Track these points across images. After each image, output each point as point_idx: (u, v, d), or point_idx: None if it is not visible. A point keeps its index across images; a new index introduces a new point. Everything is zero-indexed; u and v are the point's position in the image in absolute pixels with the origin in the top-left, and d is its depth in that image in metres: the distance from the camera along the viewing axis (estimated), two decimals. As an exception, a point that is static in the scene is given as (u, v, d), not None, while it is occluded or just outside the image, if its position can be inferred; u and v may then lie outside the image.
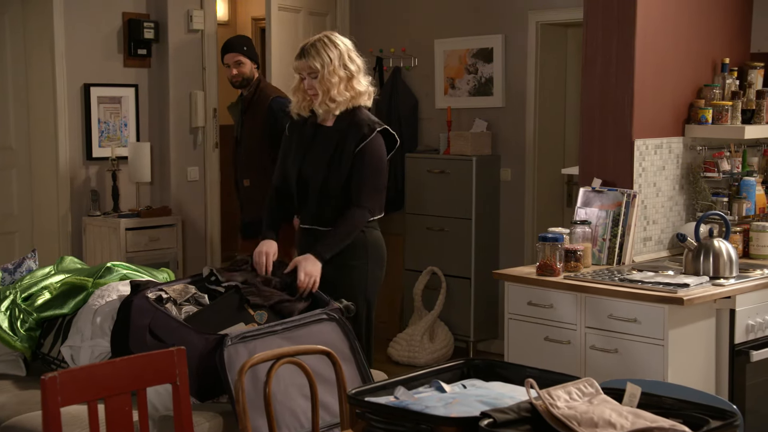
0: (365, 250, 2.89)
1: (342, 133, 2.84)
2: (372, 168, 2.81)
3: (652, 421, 1.66)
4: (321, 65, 2.79)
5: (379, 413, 1.70)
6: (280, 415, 2.38)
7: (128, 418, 1.62)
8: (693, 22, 3.36)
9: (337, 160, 2.82)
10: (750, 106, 3.38)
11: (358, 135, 2.80)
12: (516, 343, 3.01)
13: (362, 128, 2.80)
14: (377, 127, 2.82)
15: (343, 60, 2.82)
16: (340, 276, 2.79)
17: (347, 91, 2.82)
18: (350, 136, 2.81)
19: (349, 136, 2.82)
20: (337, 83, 2.80)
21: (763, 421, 2.96)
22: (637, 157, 3.21)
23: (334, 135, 2.85)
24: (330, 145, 2.85)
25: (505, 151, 4.88)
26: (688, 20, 3.35)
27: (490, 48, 4.89)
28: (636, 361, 2.72)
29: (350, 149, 2.81)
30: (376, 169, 2.83)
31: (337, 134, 2.85)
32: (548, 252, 2.95)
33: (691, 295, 2.68)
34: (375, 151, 2.81)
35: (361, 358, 2.62)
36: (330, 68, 2.79)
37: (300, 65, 2.83)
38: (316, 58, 2.80)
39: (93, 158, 4.59)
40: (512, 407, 1.68)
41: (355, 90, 2.84)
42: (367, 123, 2.82)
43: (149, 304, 2.56)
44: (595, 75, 3.26)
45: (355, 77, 2.84)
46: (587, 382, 1.79)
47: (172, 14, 4.71)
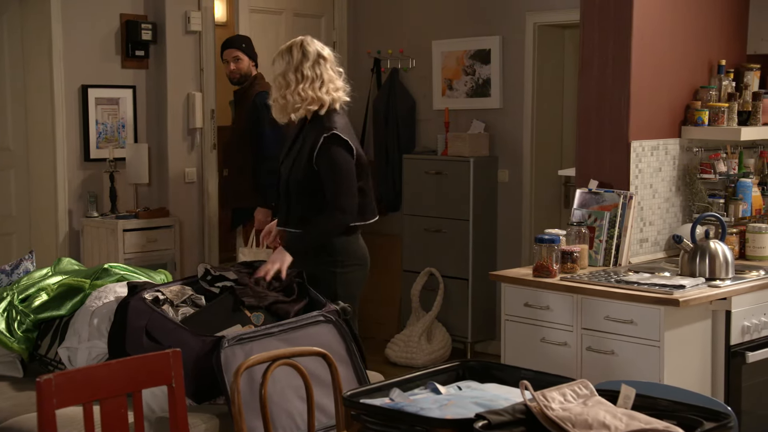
0: (344, 253, 2.96)
1: (306, 135, 2.99)
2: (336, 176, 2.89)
3: (646, 423, 1.66)
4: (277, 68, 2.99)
5: (374, 415, 1.70)
6: (276, 417, 2.38)
7: (124, 420, 1.63)
8: (689, 23, 3.37)
9: (298, 162, 2.96)
10: (746, 107, 3.39)
11: (313, 139, 2.93)
12: (512, 345, 3.02)
13: (317, 134, 2.92)
14: (326, 133, 2.89)
15: (302, 66, 2.94)
16: (320, 279, 2.81)
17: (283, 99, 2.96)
18: (309, 140, 2.95)
19: (308, 140, 2.95)
20: (282, 86, 2.96)
21: (759, 422, 2.96)
22: (633, 158, 3.21)
23: (301, 137, 3.02)
24: (297, 147, 3.01)
25: (503, 152, 4.89)
26: (684, 22, 3.35)
27: (488, 49, 4.89)
28: (632, 362, 2.72)
29: (308, 151, 2.93)
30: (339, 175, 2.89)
31: (303, 137, 3.01)
32: (544, 253, 2.95)
33: (686, 296, 2.68)
34: (333, 159, 2.89)
35: (358, 360, 2.62)
36: (281, 71, 2.97)
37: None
38: (275, 62, 3.01)
39: (91, 159, 4.59)
40: (507, 409, 1.69)
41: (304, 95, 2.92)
42: (320, 129, 2.92)
43: (146, 306, 2.56)
44: (591, 76, 3.27)
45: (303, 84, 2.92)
46: (582, 383, 1.79)
47: (170, 15, 4.72)
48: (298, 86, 2.93)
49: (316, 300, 2.71)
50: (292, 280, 2.73)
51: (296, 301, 2.69)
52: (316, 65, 2.96)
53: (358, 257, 3.00)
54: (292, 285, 2.72)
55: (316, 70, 2.95)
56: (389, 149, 5.15)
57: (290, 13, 5.19)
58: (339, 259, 2.95)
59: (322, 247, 2.95)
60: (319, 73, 2.95)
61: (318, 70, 2.95)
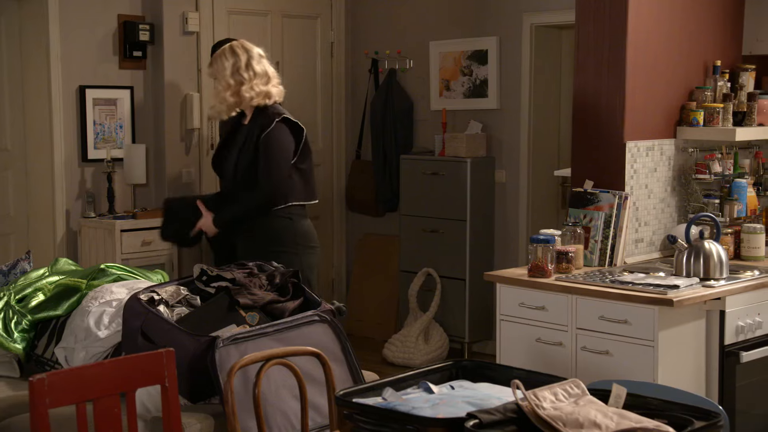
0: (293, 237, 3.19)
1: (251, 126, 3.20)
2: (270, 152, 3.14)
3: (636, 422, 1.67)
4: (216, 73, 3.26)
5: (366, 414, 1.71)
6: (271, 417, 2.39)
7: (117, 420, 1.63)
8: (685, 24, 3.38)
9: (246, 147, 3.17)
10: (741, 108, 3.39)
11: (261, 125, 3.16)
12: (508, 345, 3.03)
13: (264, 119, 3.16)
14: (277, 118, 3.16)
15: (238, 67, 3.23)
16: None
17: (233, 96, 3.23)
18: (256, 127, 3.17)
19: (255, 128, 3.18)
20: (224, 89, 3.23)
21: (753, 421, 2.97)
22: (628, 159, 3.22)
23: (245, 130, 3.23)
24: (243, 137, 3.21)
25: (500, 152, 4.90)
26: (680, 23, 3.36)
27: (485, 50, 4.90)
28: (627, 362, 2.73)
29: (256, 137, 3.16)
30: (274, 154, 3.14)
31: (248, 128, 3.22)
32: (540, 254, 2.96)
33: (680, 296, 2.69)
34: (274, 138, 3.14)
35: (353, 360, 2.63)
36: (221, 75, 3.24)
37: (207, 73, 3.38)
38: (213, 67, 3.29)
39: (88, 160, 4.59)
40: (498, 408, 1.70)
41: (243, 95, 3.22)
42: (269, 114, 3.18)
43: (141, 306, 2.57)
44: (586, 77, 3.28)
45: (247, 83, 3.22)
46: (573, 383, 1.80)
47: (168, 16, 4.72)
48: (252, 82, 3.22)
49: (311, 299, 2.72)
50: (287, 279, 2.74)
51: (291, 300, 2.69)
52: (260, 62, 3.27)
53: (311, 240, 3.17)
54: (287, 285, 2.73)
55: (262, 66, 3.26)
56: (387, 150, 5.16)
57: (277, 14, 5.19)
58: (303, 241, 3.15)
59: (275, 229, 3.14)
60: (263, 69, 3.26)
61: (262, 67, 3.27)
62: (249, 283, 2.69)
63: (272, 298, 2.67)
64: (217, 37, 4.94)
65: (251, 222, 3.22)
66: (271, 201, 3.15)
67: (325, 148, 5.43)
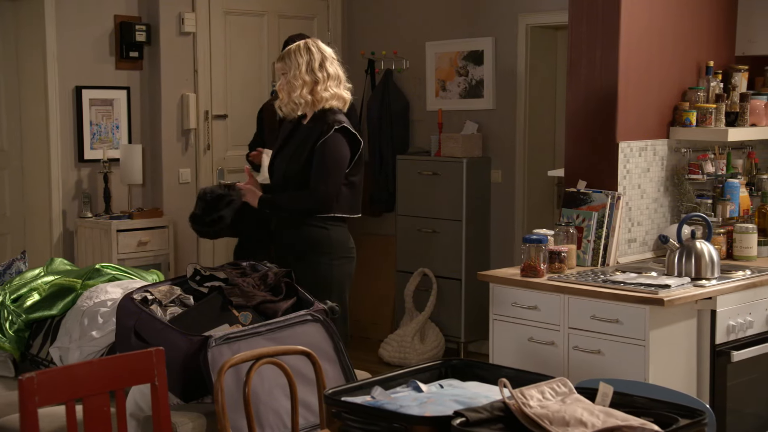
0: (329, 246, 3.08)
1: (310, 129, 3.10)
2: (326, 161, 3.04)
3: (623, 420, 1.68)
4: (288, 68, 3.08)
5: (354, 413, 1.72)
6: (264, 416, 2.40)
7: (106, 418, 1.65)
8: (678, 25, 3.39)
9: (298, 154, 3.09)
10: (734, 108, 3.41)
11: (319, 131, 3.05)
12: (501, 344, 3.04)
13: (323, 125, 3.06)
14: (336, 126, 3.04)
15: (312, 66, 3.08)
16: (308, 272, 2.86)
17: (310, 95, 3.08)
18: (314, 133, 3.07)
19: (313, 133, 3.07)
20: (299, 87, 3.07)
21: (744, 420, 2.98)
22: (621, 159, 3.23)
23: (304, 131, 3.13)
24: (299, 140, 3.12)
25: (496, 152, 4.91)
26: (673, 23, 3.37)
27: (481, 50, 4.92)
28: (618, 361, 2.74)
29: (311, 144, 3.06)
30: (330, 163, 3.04)
31: (306, 130, 3.12)
32: (532, 253, 2.97)
33: (671, 296, 2.70)
34: (332, 147, 3.03)
35: (346, 359, 2.64)
36: (295, 72, 3.07)
37: (276, 66, 3.17)
38: (285, 62, 3.10)
39: (85, 160, 4.61)
40: (485, 406, 1.71)
41: (319, 95, 3.08)
42: (329, 122, 3.06)
43: (135, 306, 2.58)
44: (579, 78, 3.29)
45: (321, 84, 3.08)
46: (561, 381, 1.82)
47: (164, 17, 4.74)
48: (326, 83, 3.08)
49: (304, 299, 2.73)
50: (280, 279, 2.75)
51: (284, 300, 2.70)
52: (332, 64, 3.14)
53: (347, 249, 3.12)
54: (280, 284, 2.74)
55: (334, 68, 3.13)
56: (383, 150, 5.18)
57: (274, 15, 5.20)
58: (328, 251, 3.06)
59: (312, 238, 3.05)
60: (335, 71, 3.13)
61: (335, 69, 3.13)
62: (242, 282, 2.70)
63: (265, 298, 2.68)
64: (213, 38, 4.97)
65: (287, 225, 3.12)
66: (319, 209, 3.04)
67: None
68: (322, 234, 3.06)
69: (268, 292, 2.72)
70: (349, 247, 3.14)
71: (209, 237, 3.49)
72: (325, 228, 3.07)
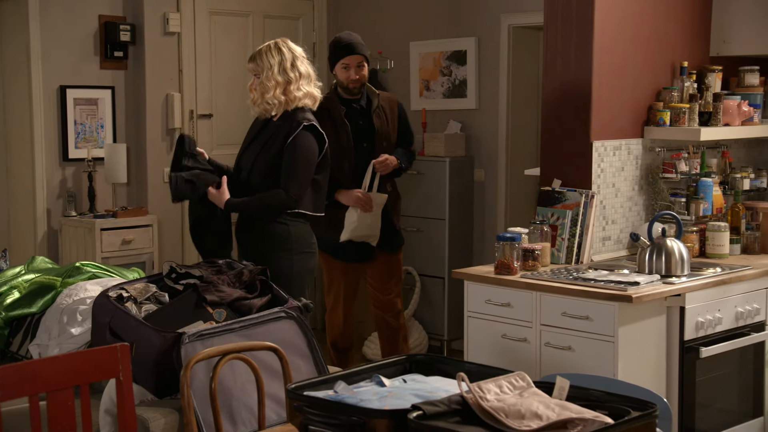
0: (289, 242, 3.12)
1: (278, 127, 3.14)
2: (295, 159, 3.08)
3: (577, 413, 1.72)
4: (261, 69, 3.11)
5: (315, 406, 1.76)
6: (237, 411, 2.43)
7: (70, 412, 1.68)
8: (653, 26, 3.43)
9: (266, 152, 3.12)
10: (707, 108, 3.45)
11: (288, 128, 3.09)
12: (475, 341, 3.08)
13: (292, 123, 3.10)
14: (305, 123, 3.09)
15: (284, 66, 3.10)
16: (269, 268, 2.89)
17: (283, 95, 3.12)
18: (282, 130, 3.11)
19: (281, 130, 3.11)
20: (272, 87, 3.10)
21: (714, 415, 3.02)
22: (595, 158, 3.27)
23: (272, 128, 3.16)
24: (267, 136, 3.15)
25: (479, 152, 4.95)
26: (647, 24, 3.41)
27: (464, 50, 4.95)
28: (588, 357, 2.78)
29: (280, 141, 3.10)
30: (300, 161, 3.09)
31: (275, 128, 3.15)
32: (506, 251, 3.01)
33: (640, 293, 2.74)
34: (301, 145, 3.08)
35: (319, 355, 2.67)
36: (268, 73, 3.10)
37: (248, 67, 3.19)
38: (257, 63, 3.12)
39: (69, 159, 4.64)
40: (443, 400, 1.74)
41: (292, 95, 3.12)
42: (298, 119, 3.10)
43: (110, 303, 2.61)
44: (554, 78, 3.33)
45: (294, 83, 3.12)
46: (519, 376, 1.85)
47: (149, 17, 4.77)
48: (299, 82, 3.13)
49: (278, 296, 2.76)
50: (255, 277, 2.79)
51: (258, 297, 2.74)
52: (302, 63, 3.18)
53: (308, 245, 3.17)
54: (255, 282, 2.78)
55: (305, 67, 3.18)
56: (367, 149, 5.20)
57: (259, 15, 5.23)
58: (288, 246, 3.11)
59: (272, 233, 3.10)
60: (306, 70, 3.18)
61: (305, 68, 3.18)
62: (217, 280, 2.73)
63: (240, 295, 2.71)
64: (198, 38, 5.00)
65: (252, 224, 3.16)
66: (289, 205, 3.10)
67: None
68: (282, 229, 3.12)
69: (242, 290, 2.75)
70: (310, 242, 3.19)
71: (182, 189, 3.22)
72: (284, 224, 3.13)
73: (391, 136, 3.95)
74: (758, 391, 3.14)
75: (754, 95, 3.58)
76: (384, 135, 3.91)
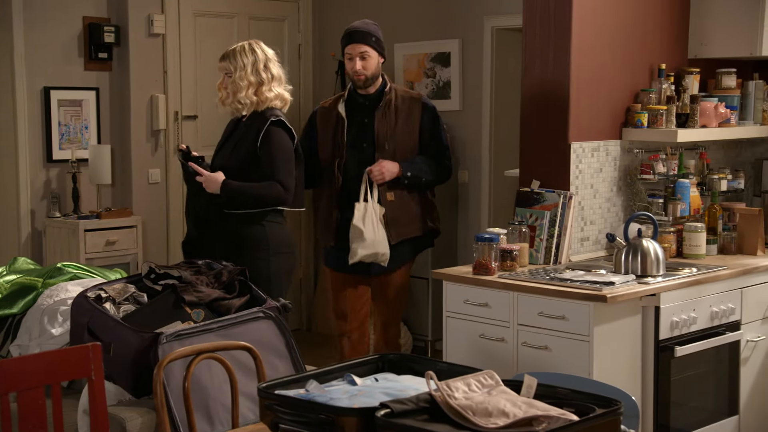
0: (266, 242, 3.15)
1: (248, 126, 3.18)
2: (273, 153, 3.11)
3: (543, 410, 1.74)
4: (234, 68, 3.14)
5: (284, 405, 1.77)
6: (214, 410, 2.45)
7: (41, 412, 1.69)
8: (631, 28, 3.47)
9: (238, 151, 3.17)
10: (685, 110, 3.48)
11: (257, 127, 3.14)
12: (454, 341, 3.10)
13: (263, 120, 3.14)
14: (273, 118, 3.14)
15: (257, 67, 3.07)
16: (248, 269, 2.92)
17: (255, 95, 3.15)
18: (252, 129, 3.15)
19: (251, 129, 3.16)
20: (245, 87, 3.14)
21: (689, 413, 3.06)
22: (573, 159, 3.30)
23: (242, 128, 3.21)
24: (237, 137, 3.20)
25: (463, 153, 4.98)
26: (626, 28, 3.45)
27: (448, 52, 4.98)
28: (565, 356, 2.81)
29: (250, 139, 3.14)
30: (278, 152, 3.12)
31: (244, 127, 3.20)
32: (484, 252, 3.04)
33: (615, 293, 2.77)
34: (274, 139, 3.12)
35: (297, 355, 2.69)
36: (241, 73, 3.14)
37: (220, 65, 3.20)
38: (230, 62, 3.15)
39: (53, 161, 4.64)
40: (411, 398, 1.76)
41: (264, 96, 3.16)
42: (266, 116, 3.15)
43: (88, 303, 2.63)
44: (533, 80, 3.36)
45: (266, 84, 3.16)
46: (487, 374, 1.87)
47: (133, 18, 4.77)
48: (270, 84, 3.17)
49: (257, 296, 2.78)
50: (234, 277, 2.80)
51: (237, 298, 2.76)
52: (275, 65, 3.22)
53: (285, 245, 3.17)
54: (233, 282, 2.79)
55: (276, 69, 3.22)
56: (352, 150, 5.22)
57: (244, 16, 5.25)
58: (266, 247, 3.14)
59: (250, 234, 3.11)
60: (278, 72, 3.22)
61: (277, 70, 3.22)
62: (196, 280, 2.75)
63: (218, 296, 2.73)
64: (183, 40, 5.01)
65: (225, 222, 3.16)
66: (283, 199, 3.10)
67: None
68: (259, 231, 3.14)
69: (221, 290, 2.77)
70: (287, 243, 3.21)
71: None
72: (261, 225, 3.15)
73: (401, 139, 3.51)
74: (733, 389, 3.18)
75: (731, 97, 3.62)
76: (386, 136, 3.50)
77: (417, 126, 3.55)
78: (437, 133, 3.61)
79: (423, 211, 3.61)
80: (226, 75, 3.17)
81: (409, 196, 3.56)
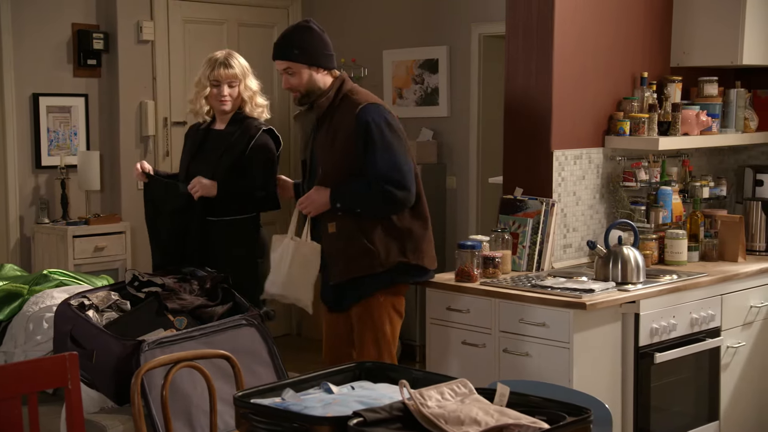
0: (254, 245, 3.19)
1: (233, 135, 3.19)
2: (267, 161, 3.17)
3: (515, 419, 1.77)
4: (243, 74, 3.21)
5: (259, 414, 1.79)
6: (196, 418, 2.47)
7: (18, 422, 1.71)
8: (613, 37, 3.50)
9: (225, 158, 3.16)
10: (666, 118, 3.52)
11: (247, 135, 3.16)
12: (436, 347, 3.12)
13: (251, 129, 3.17)
14: (263, 127, 3.19)
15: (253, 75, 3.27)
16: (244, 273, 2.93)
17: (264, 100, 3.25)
18: (241, 137, 3.17)
19: (239, 137, 3.17)
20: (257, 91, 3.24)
21: (670, 419, 3.08)
22: (556, 167, 3.33)
23: (225, 137, 3.20)
24: (221, 146, 3.19)
25: (451, 159, 5.01)
26: (608, 35, 3.48)
27: (436, 59, 5.02)
28: (545, 364, 2.83)
29: (240, 148, 3.15)
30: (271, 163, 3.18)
31: (227, 135, 3.20)
32: (467, 259, 3.06)
33: (594, 300, 2.80)
34: (268, 148, 3.18)
35: (279, 363, 2.71)
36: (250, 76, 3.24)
37: (226, 73, 3.17)
38: (237, 70, 3.20)
39: (42, 167, 4.66)
40: (384, 407, 1.78)
41: (255, 103, 3.24)
42: (255, 125, 3.20)
43: (71, 311, 2.65)
44: (516, 88, 3.39)
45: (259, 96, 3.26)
46: (461, 382, 1.90)
47: (122, 25, 4.80)
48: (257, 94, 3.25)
49: (240, 304, 2.81)
50: (217, 285, 2.82)
51: (220, 305, 2.78)
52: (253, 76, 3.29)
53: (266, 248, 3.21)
54: (216, 290, 2.81)
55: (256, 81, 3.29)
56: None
57: (234, 23, 5.27)
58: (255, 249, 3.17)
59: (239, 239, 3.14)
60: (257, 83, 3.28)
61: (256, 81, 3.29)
62: (179, 288, 2.77)
63: (201, 303, 2.75)
64: (172, 46, 5.02)
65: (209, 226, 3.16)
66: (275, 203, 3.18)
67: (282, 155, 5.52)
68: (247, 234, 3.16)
69: (204, 297, 2.79)
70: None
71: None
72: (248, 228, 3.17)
73: (339, 160, 2.82)
74: (713, 395, 3.21)
75: (713, 105, 3.65)
76: (322, 158, 2.86)
77: (354, 141, 2.81)
78: (370, 153, 2.80)
79: (387, 243, 2.83)
80: (227, 85, 3.16)
81: (362, 225, 2.82)
